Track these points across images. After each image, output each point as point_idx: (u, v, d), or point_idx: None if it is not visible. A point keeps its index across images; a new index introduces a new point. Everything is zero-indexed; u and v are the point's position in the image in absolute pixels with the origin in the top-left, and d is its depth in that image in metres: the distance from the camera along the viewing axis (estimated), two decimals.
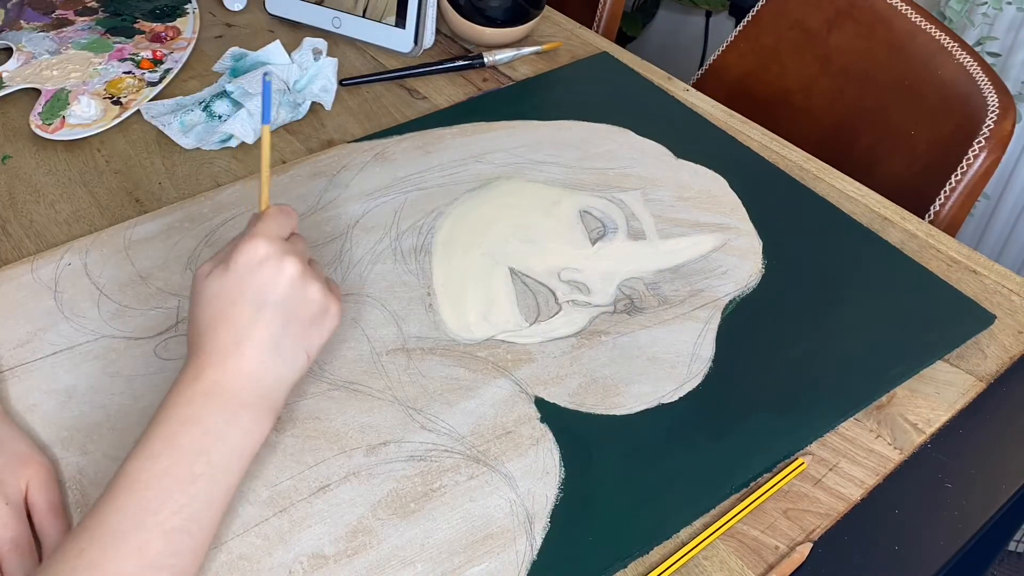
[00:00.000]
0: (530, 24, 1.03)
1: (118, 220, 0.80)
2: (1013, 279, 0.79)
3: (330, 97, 0.95)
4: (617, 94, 0.98)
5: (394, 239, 0.78)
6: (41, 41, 0.99)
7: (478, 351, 0.70)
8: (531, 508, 0.60)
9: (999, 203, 1.62)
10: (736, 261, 0.78)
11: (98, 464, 0.61)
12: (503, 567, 0.57)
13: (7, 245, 0.78)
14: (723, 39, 1.22)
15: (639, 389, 0.68)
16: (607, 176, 0.86)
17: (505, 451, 0.63)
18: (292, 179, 0.84)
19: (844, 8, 1.10)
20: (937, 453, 0.66)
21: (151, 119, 0.91)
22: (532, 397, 0.67)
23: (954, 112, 0.98)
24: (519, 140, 0.90)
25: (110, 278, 0.74)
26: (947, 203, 0.95)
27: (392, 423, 0.64)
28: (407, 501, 0.60)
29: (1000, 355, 0.73)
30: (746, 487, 0.63)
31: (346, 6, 1.03)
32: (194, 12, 1.06)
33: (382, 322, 0.71)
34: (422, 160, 0.87)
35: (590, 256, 0.78)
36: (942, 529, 0.62)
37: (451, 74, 1.00)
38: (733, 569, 0.59)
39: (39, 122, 0.89)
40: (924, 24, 1.03)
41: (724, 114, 0.96)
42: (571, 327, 0.72)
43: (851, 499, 0.63)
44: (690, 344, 0.71)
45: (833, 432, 0.67)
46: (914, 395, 0.69)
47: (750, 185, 0.86)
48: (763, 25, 1.17)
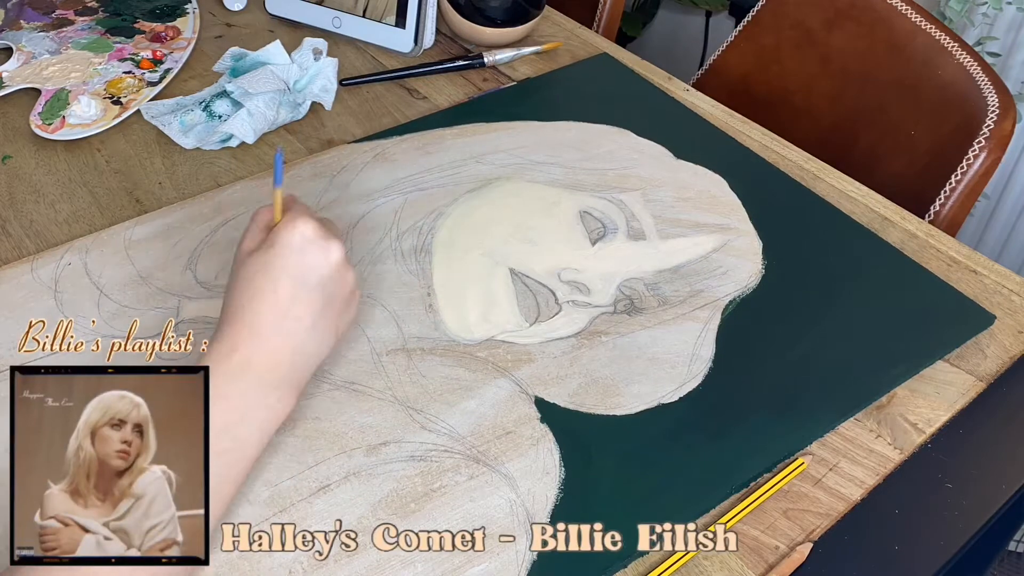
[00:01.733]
0: (530, 24, 1.03)
1: (118, 220, 0.80)
2: (1013, 279, 0.79)
3: (330, 97, 0.95)
4: (617, 95, 0.98)
5: (394, 239, 0.78)
6: (41, 41, 0.99)
7: (478, 351, 0.70)
8: (531, 508, 0.60)
9: (999, 203, 1.62)
10: (736, 261, 0.78)
11: None
12: (503, 567, 0.57)
13: (7, 245, 0.78)
14: (723, 39, 1.22)
15: (639, 389, 0.68)
16: (607, 177, 0.86)
17: (505, 451, 0.63)
18: (292, 179, 0.84)
19: (844, 8, 1.10)
20: (937, 453, 0.66)
21: (151, 119, 0.91)
22: (532, 397, 0.67)
23: (954, 112, 0.98)
24: (519, 141, 0.90)
25: (110, 278, 0.74)
26: (947, 203, 0.95)
27: (392, 423, 0.64)
28: (407, 501, 0.60)
29: (1000, 355, 0.73)
30: (746, 487, 0.63)
31: (346, 6, 1.03)
32: (194, 12, 1.06)
33: (382, 322, 0.71)
34: (422, 161, 0.87)
35: (590, 256, 0.78)
36: (942, 529, 0.62)
37: (451, 74, 1.00)
38: (733, 569, 0.59)
39: (39, 122, 0.89)
40: (924, 24, 1.03)
41: (724, 114, 0.96)
42: (571, 327, 0.72)
43: (851, 499, 0.63)
44: (690, 344, 0.71)
45: (833, 432, 0.67)
46: (914, 395, 0.69)
47: (750, 185, 0.86)
48: (763, 25, 1.17)
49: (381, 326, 0.71)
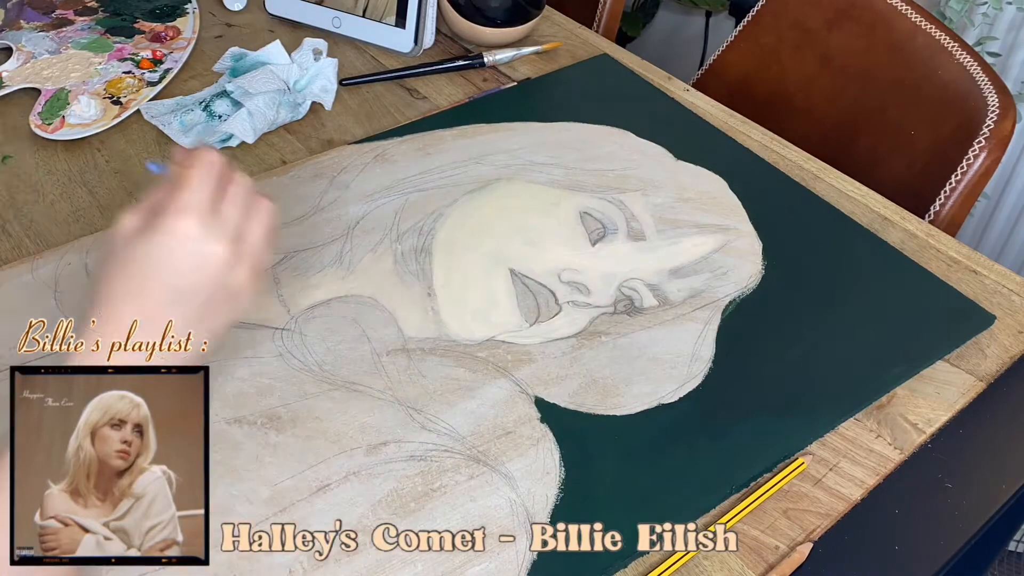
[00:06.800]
0: (530, 24, 1.03)
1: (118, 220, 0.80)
2: (1013, 279, 0.79)
3: (330, 97, 0.95)
4: (617, 95, 0.98)
5: (394, 240, 0.78)
6: (41, 41, 0.99)
7: (478, 351, 0.70)
8: (531, 508, 0.60)
9: (999, 203, 1.62)
10: (736, 262, 0.78)
11: None
12: (503, 567, 0.57)
13: (7, 245, 0.78)
14: (723, 39, 1.22)
15: (639, 389, 0.68)
16: (607, 177, 0.86)
17: (505, 451, 0.63)
18: (292, 180, 0.84)
19: (844, 8, 1.10)
20: (937, 453, 0.66)
21: (151, 119, 0.91)
22: (532, 397, 0.67)
23: (954, 112, 0.98)
24: (519, 142, 0.90)
25: None
26: (947, 203, 0.95)
27: (392, 423, 0.64)
28: (407, 501, 0.60)
29: (1000, 355, 0.73)
30: (746, 487, 0.63)
31: (346, 6, 1.03)
32: (194, 12, 1.06)
33: (382, 322, 0.71)
34: (422, 161, 0.87)
35: (590, 257, 0.78)
36: (942, 529, 0.62)
37: (451, 74, 1.00)
38: (733, 569, 0.59)
39: (39, 122, 0.89)
40: (924, 24, 1.03)
41: (724, 114, 0.96)
42: (571, 328, 0.72)
43: (851, 499, 0.63)
44: (690, 344, 0.71)
45: (833, 432, 0.67)
46: (914, 395, 0.69)
47: (750, 186, 0.86)
48: (763, 25, 1.17)
49: (381, 326, 0.71)
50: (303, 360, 0.68)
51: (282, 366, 0.68)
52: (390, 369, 0.68)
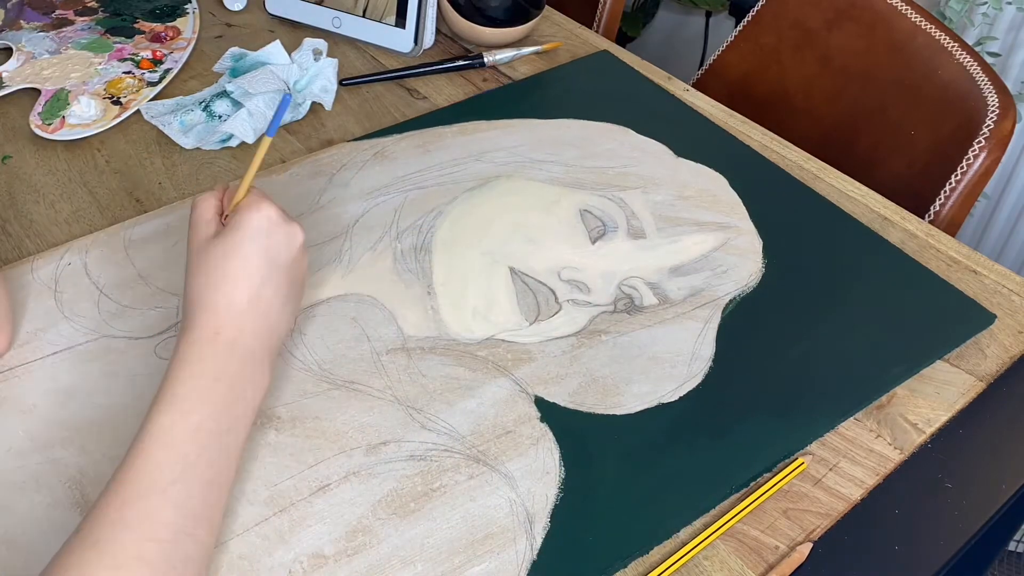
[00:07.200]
0: (530, 24, 1.03)
1: (118, 220, 0.80)
2: (1013, 279, 0.79)
3: (330, 97, 0.95)
4: (617, 93, 0.98)
5: (394, 238, 0.78)
6: (41, 41, 0.99)
7: (478, 350, 0.70)
8: (531, 508, 0.60)
9: (999, 203, 1.62)
10: (736, 260, 0.78)
11: (98, 464, 0.61)
12: (503, 567, 0.57)
13: (7, 245, 0.78)
14: (723, 39, 1.22)
15: (639, 389, 0.68)
16: (607, 175, 0.86)
17: (505, 451, 0.63)
18: (292, 178, 0.84)
19: (844, 8, 1.10)
20: (937, 453, 0.66)
21: (151, 119, 0.91)
22: (532, 397, 0.67)
23: (954, 112, 0.98)
24: (519, 139, 0.90)
25: (110, 278, 0.74)
26: (947, 203, 0.95)
27: (392, 423, 0.64)
28: (407, 501, 0.60)
29: (1000, 355, 0.73)
30: (746, 487, 0.63)
31: (346, 6, 1.03)
32: (194, 12, 1.06)
33: (382, 321, 0.71)
34: (422, 159, 0.87)
35: (590, 255, 0.78)
36: (942, 529, 0.62)
37: (451, 74, 1.00)
38: (733, 569, 0.59)
39: (39, 122, 0.89)
40: (924, 24, 1.03)
41: (724, 114, 0.96)
42: (571, 326, 0.72)
43: (851, 499, 0.63)
44: (690, 343, 0.71)
45: (833, 432, 0.67)
46: (914, 395, 0.69)
47: (750, 184, 0.86)
48: (763, 25, 1.17)
49: (381, 325, 0.71)
50: (302, 359, 0.68)
51: (281, 365, 0.68)
52: (390, 368, 0.68)
